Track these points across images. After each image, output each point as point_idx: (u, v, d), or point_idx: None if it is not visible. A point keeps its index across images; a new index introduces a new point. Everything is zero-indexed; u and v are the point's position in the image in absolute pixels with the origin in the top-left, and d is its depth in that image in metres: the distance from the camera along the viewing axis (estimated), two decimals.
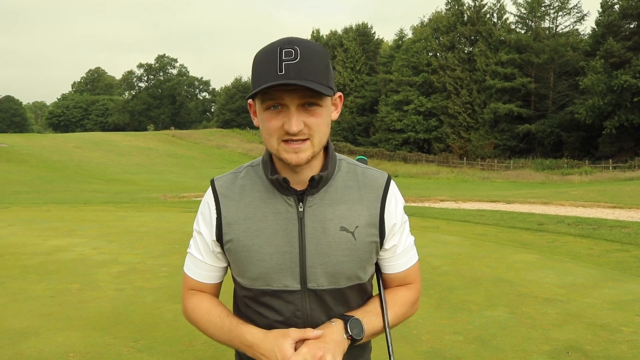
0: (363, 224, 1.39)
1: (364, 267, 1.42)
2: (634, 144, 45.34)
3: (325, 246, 1.36)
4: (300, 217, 1.36)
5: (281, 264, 1.36)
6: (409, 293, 1.52)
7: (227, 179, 1.47)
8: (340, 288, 1.39)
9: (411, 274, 1.52)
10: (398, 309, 1.48)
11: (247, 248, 1.38)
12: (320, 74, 1.26)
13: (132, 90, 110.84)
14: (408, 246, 1.50)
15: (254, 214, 1.38)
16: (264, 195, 1.39)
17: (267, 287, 1.38)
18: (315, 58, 1.26)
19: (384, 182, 1.44)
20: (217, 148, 64.22)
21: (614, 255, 8.16)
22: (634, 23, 47.58)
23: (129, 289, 6.08)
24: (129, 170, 42.16)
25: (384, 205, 1.42)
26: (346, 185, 1.41)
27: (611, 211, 13.86)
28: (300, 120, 1.27)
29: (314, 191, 1.37)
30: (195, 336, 4.51)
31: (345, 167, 1.45)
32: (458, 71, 56.56)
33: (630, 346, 4.25)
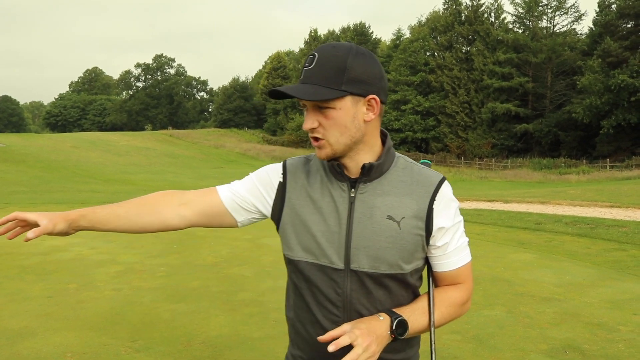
0: (409, 216, 1.45)
1: (406, 258, 1.47)
2: (631, 143, 45.43)
3: (370, 231, 1.44)
4: (350, 202, 1.47)
5: (330, 242, 1.47)
6: (459, 293, 1.55)
7: (298, 161, 1.62)
8: (381, 273, 1.45)
9: (462, 273, 1.56)
10: (445, 309, 1.52)
11: (303, 223, 1.50)
12: (328, 78, 1.37)
13: (130, 90, 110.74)
14: (460, 246, 1.54)
15: (312, 194, 1.51)
16: (324, 179, 1.52)
17: (315, 261, 1.49)
18: (328, 64, 1.38)
19: (437, 181, 1.50)
20: (215, 148, 64.18)
21: (612, 255, 8.18)
22: (631, 23, 47.68)
23: (127, 289, 6.07)
24: (127, 170, 42.11)
25: (433, 202, 1.47)
26: (400, 180, 1.49)
27: (609, 210, 13.88)
28: (315, 119, 1.41)
29: (366, 179, 1.47)
30: (193, 336, 4.51)
31: (402, 164, 1.53)
32: (456, 71, 56.59)
33: (627, 345, 4.26)
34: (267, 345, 4.31)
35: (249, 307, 5.36)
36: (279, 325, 4.77)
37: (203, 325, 4.80)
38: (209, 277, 6.62)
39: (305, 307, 1.53)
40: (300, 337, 1.58)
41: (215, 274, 6.79)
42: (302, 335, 1.56)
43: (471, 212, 13.69)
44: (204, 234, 9.79)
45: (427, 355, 1.60)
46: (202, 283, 6.31)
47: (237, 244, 8.83)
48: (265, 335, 4.54)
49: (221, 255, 7.97)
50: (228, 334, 4.56)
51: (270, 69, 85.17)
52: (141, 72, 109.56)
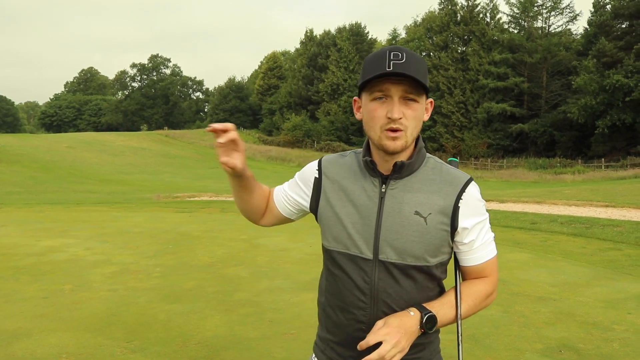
0: (436, 212, 1.55)
1: (432, 251, 1.56)
2: (626, 143, 45.54)
3: (399, 225, 1.55)
4: (381, 197, 1.58)
5: (360, 232, 1.57)
6: (484, 286, 1.66)
7: (333, 158, 1.73)
8: (407, 264, 1.54)
9: (487, 267, 1.66)
10: (472, 302, 1.62)
11: (336, 214, 1.62)
12: (421, 74, 1.48)
13: (125, 90, 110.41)
14: (486, 241, 1.64)
15: (346, 188, 1.63)
16: (358, 175, 1.63)
17: (346, 251, 1.59)
18: (418, 62, 1.49)
19: (464, 181, 1.60)
20: (210, 148, 64.01)
21: (607, 254, 8.21)
22: (626, 23, 47.78)
23: (122, 289, 6.06)
24: (122, 171, 42.01)
25: (459, 201, 1.57)
26: (429, 179, 1.59)
27: (604, 210, 13.91)
28: (401, 110, 1.50)
29: (397, 176, 1.58)
30: (188, 337, 4.51)
31: (432, 164, 1.63)
32: (451, 71, 56.63)
33: (622, 344, 4.28)
34: (263, 345, 4.31)
35: (244, 307, 5.36)
36: (275, 326, 4.78)
37: (199, 325, 4.80)
38: (205, 277, 6.61)
39: (336, 292, 1.64)
40: (330, 321, 1.68)
41: (211, 274, 6.78)
42: (332, 319, 1.67)
43: None
44: (199, 235, 9.78)
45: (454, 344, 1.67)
46: (197, 283, 6.31)
47: (232, 244, 8.82)
48: (261, 335, 4.54)
49: (217, 255, 7.96)
50: (224, 335, 4.56)
51: (266, 69, 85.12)
52: (137, 72, 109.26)
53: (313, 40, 74.67)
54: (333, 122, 66.19)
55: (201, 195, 21.24)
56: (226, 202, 17.13)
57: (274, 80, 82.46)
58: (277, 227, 11.40)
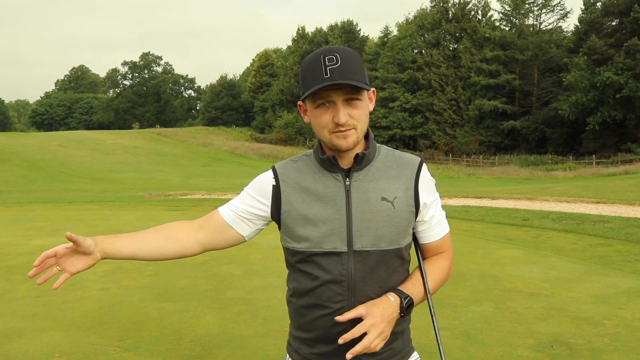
0: (401, 195, 1.63)
1: (402, 233, 1.63)
2: (617, 139, 45.85)
3: (369, 213, 1.60)
4: (347, 190, 1.62)
5: (331, 229, 1.59)
6: (445, 261, 1.75)
7: (285, 163, 1.75)
8: (382, 250, 1.60)
9: (445, 242, 1.76)
10: (437, 277, 1.71)
11: (303, 216, 1.62)
12: (358, 74, 1.52)
13: (117, 88, 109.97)
14: (441, 218, 1.74)
15: (308, 188, 1.65)
16: (317, 174, 1.66)
17: (319, 249, 1.61)
18: (352, 61, 1.53)
19: (418, 162, 1.69)
20: (203, 146, 63.94)
21: (597, 250, 8.27)
22: (616, 20, 48.07)
23: (115, 288, 6.04)
24: (114, 169, 41.86)
25: (418, 180, 1.66)
26: (385, 165, 1.66)
27: (595, 206, 14.00)
28: (346, 113, 1.54)
29: (358, 168, 1.63)
30: (182, 335, 4.50)
31: (384, 152, 1.71)
32: (443, 68, 56.78)
33: (612, 339, 4.31)
34: (256, 343, 4.32)
35: (237, 305, 5.36)
36: (268, 323, 4.78)
37: (192, 323, 4.80)
38: (198, 275, 6.60)
39: (309, 291, 1.64)
40: (304, 320, 1.68)
41: (204, 272, 6.78)
42: (307, 317, 1.67)
43: (459, 209, 13.77)
44: None
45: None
46: (190, 282, 6.30)
47: None
48: (254, 333, 4.55)
49: (209, 253, 7.90)
50: (217, 333, 4.56)
51: (258, 67, 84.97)
52: (128, 70, 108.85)
53: (305, 38, 74.63)
54: None
55: (193, 194, 21.19)
56: (218, 201, 17.10)
57: (266, 77, 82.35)
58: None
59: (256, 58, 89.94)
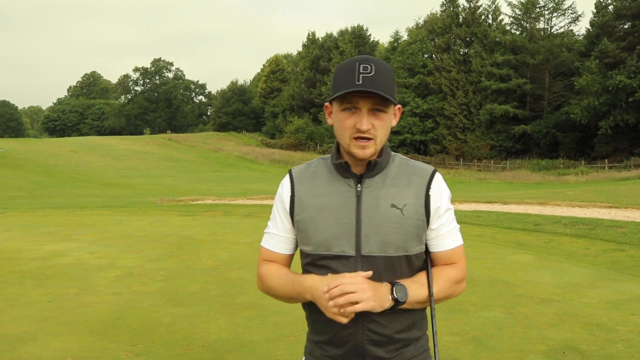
0: (411, 203, 1.65)
1: (411, 240, 1.65)
2: (629, 143, 45.44)
3: (377, 219, 1.63)
4: (358, 196, 1.65)
5: (340, 233, 1.64)
6: (453, 271, 1.72)
7: (301, 167, 1.81)
8: (389, 256, 1.63)
9: (455, 254, 1.73)
10: (442, 283, 1.68)
11: (313, 220, 1.67)
12: (388, 87, 1.58)
13: (128, 94, 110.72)
14: (452, 230, 1.73)
15: (320, 193, 1.69)
16: (330, 179, 1.70)
17: (328, 252, 1.65)
18: (386, 74, 1.59)
19: (430, 172, 1.71)
20: (213, 151, 64.20)
21: (610, 255, 8.19)
22: (628, 23, 47.74)
23: (127, 293, 6.08)
24: (126, 174, 42.12)
25: (429, 190, 1.68)
26: (398, 173, 1.70)
27: (607, 211, 13.89)
28: (369, 121, 1.59)
29: (370, 175, 1.67)
30: (193, 340, 4.52)
31: (398, 160, 1.74)
32: (454, 72, 56.61)
33: (626, 345, 4.27)
34: (267, 348, 4.32)
35: (248, 310, 5.37)
36: (279, 328, 4.79)
37: (203, 328, 4.81)
38: (209, 280, 6.63)
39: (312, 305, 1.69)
40: (317, 323, 1.73)
41: (215, 277, 6.80)
42: (320, 320, 1.69)
43: (470, 214, 13.71)
44: (202, 238, 9.80)
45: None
46: (201, 287, 6.32)
47: (236, 247, 8.84)
48: (265, 338, 4.55)
49: (220, 258, 7.97)
50: (228, 338, 4.57)
51: (268, 72, 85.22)
52: (139, 76, 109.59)
53: (315, 43, 74.74)
54: None
55: (204, 199, 21.27)
56: (229, 205, 17.16)
57: (277, 83, 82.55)
58: None
59: (267, 63, 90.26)
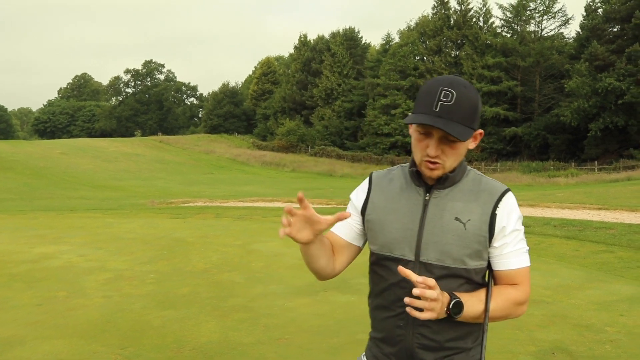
0: (475, 219, 1.66)
1: (470, 255, 1.66)
2: (619, 145, 45.79)
3: (439, 229, 1.66)
4: (425, 205, 1.70)
5: (403, 237, 1.69)
6: (515, 292, 1.71)
7: (382, 172, 1.88)
8: (447, 266, 1.66)
9: (519, 275, 1.72)
10: (501, 302, 1.68)
11: (380, 222, 1.74)
12: (467, 118, 1.61)
13: (119, 96, 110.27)
14: (518, 250, 1.71)
15: (391, 198, 1.76)
16: (404, 186, 1.76)
17: (389, 254, 1.71)
18: (466, 103, 1.61)
19: (502, 191, 1.71)
20: (205, 154, 64.03)
21: (599, 257, 8.25)
22: (617, 26, 48.13)
23: (117, 296, 6.05)
24: (116, 177, 41.95)
25: (496, 208, 1.68)
26: (469, 189, 1.71)
27: (597, 213, 13.97)
28: (440, 148, 1.62)
29: (440, 187, 1.70)
30: (183, 342, 4.51)
31: (472, 176, 1.76)
32: (445, 75, 56.69)
33: (614, 346, 4.31)
34: (257, 350, 4.32)
35: (239, 312, 5.36)
36: (269, 331, 4.79)
37: (193, 331, 4.80)
38: (199, 283, 6.61)
39: (380, 293, 1.77)
40: (376, 320, 1.81)
41: (205, 280, 6.78)
42: (378, 318, 1.79)
43: None
44: (193, 240, 9.77)
45: None
46: (192, 289, 6.31)
47: (227, 249, 8.82)
48: (255, 340, 4.55)
49: (211, 261, 7.96)
50: (218, 340, 4.57)
51: (260, 74, 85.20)
52: (130, 77, 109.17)
53: (307, 45, 74.80)
54: (327, 126, 66.21)
55: (195, 201, 21.22)
56: (220, 208, 17.13)
57: (268, 85, 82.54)
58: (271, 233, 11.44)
59: (258, 65, 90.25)
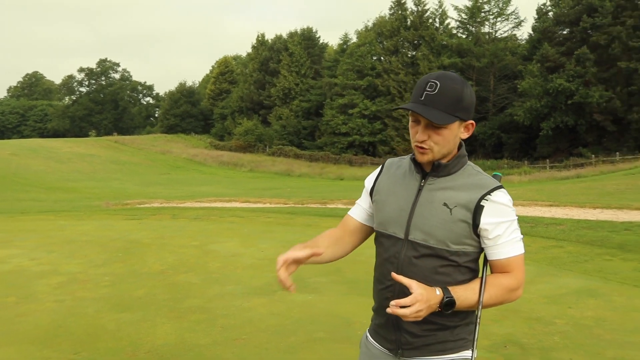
0: (461, 205, 1.81)
1: (453, 238, 1.82)
2: (569, 144, 47.22)
3: (428, 212, 1.84)
4: (419, 189, 1.89)
5: (397, 217, 1.90)
6: (508, 280, 1.84)
7: (394, 159, 2.08)
8: (431, 246, 1.82)
9: (512, 263, 1.85)
10: (494, 291, 1.82)
11: (382, 202, 1.97)
12: (449, 105, 1.77)
13: (73, 95, 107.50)
14: (511, 239, 1.84)
15: (394, 182, 1.97)
16: (407, 172, 1.96)
17: (385, 231, 1.94)
18: (450, 93, 1.77)
19: (492, 186, 1.85)
20: (161, 154, 63.04)
21: (550, 252, 8.51)
22: (567, 29, 49.56)
23: (70, 300, 5.92)
24: (70, 178, 40.92)
25: (482, 199, 1.81)
26: (463, 181, 1.86)
27: (548, 209, 14.38)
28: (427, 134, 1.81)
29: (434, 174, 1.88)
30: (138, 345, 4.45)
31: (469, 170, 1.91)
32: (402, 75, 57.44)
33: (562, 337, 4.46)
34: (214, 351, 4.30)
35: (195, 314, 5.32)
36: (226, 331, 4.77)
37: (149, 334, 4.74)
38: (155, 285, 6.53)
39: (377, 266, 2.00)
40: (374, 293, 2.02)
41: (162, 281, 6.70)
42: (375, 290, 2.01)
43: None
44: (149, 242, 9.63)
45: None
46: (148, 291, 6.22)
47: (183, 250, 8.73)
48: (212, 341, 4.52)
49: (167, 262, 7.86)
50: (174, 342, 4.52)
51: (217, 74, 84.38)
52: (84, 76, 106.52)
53: (265, 45, 74.49)
54: (285, 126, 66.07)
55: (152, 202, 20.91)
56: (177, 209, 16.92)
57: (226, 84, 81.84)
58: (228, 233, 11.38)
59: (215, 65, 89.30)
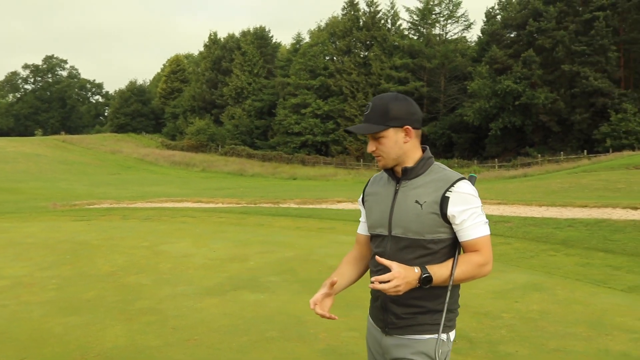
0: (430, 201, 2.12)
1: (426, 229, 2.12)
2: (516, 144, 48.61)
3: (404, 210, 2.16)
4: (395, 193, 2.22)
5: (381, 218, 2.24)
6: (477, 257, 2.14)
7: (377, 174, 2.40)
8: (410, 238, 2.14)
9: (479, 243, 2.14)
10: (465, 266, 2.11)
11: (370, 208, 2.33)
12: (376, 118, 2.14)
13: (17, 92, 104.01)
14: (477, 223, 2.14)
15: (376, 191, 2.32)
16: (387, 180, 2.29)
17: (373, 232, 2.28)
18: (378, 108, 2.15)
19: (454, 179, 2.14)
20: (111, 153, 61.66)
21: (498, 248, 8.72)
22: (514, 32, 51.01)
23: (14, 304, 5.73)
24: (14, 178, 39.53)
25: (447, 192, 2.11)
26: (430, 179, 2.17)
27: (496, 207, 14.74)
28: (374, 145, 2.19)
29: (405, 178, 2.20)
30: (87, 349, 4.35)
31: (435, 169, 2.21)
32: (354, 75, 57.88)
33: (509, 330, 4.60)
34: (165, 353, 4.24)
35: (146, 315, 5.24)
36: (178, 332, 4.71)
37: (98, 337, 4.65)
38: (105, 287, 6.39)
39: (371, 260, 2.34)
40: None
41: (111, 283, 6.56)
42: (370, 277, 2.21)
43: None
44: (98, 243, 9.42)
45: None
46: (97, 293, 6.09)
47: (134, 251, 8.57)
48: (163, 343, 4.47)
49: (117, 264, 7.70)
50: (124, 345, 4.44)
51: (169, 72, 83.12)
52: (30, 73, 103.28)
53: (217, 44, 73.79)
54: (237, 125, 65.63)
55: (101, 203, 20.42)
56: (127, 209, 16.58)
57: (177, 83, 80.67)
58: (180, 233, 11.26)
59: (167, 63, 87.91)
